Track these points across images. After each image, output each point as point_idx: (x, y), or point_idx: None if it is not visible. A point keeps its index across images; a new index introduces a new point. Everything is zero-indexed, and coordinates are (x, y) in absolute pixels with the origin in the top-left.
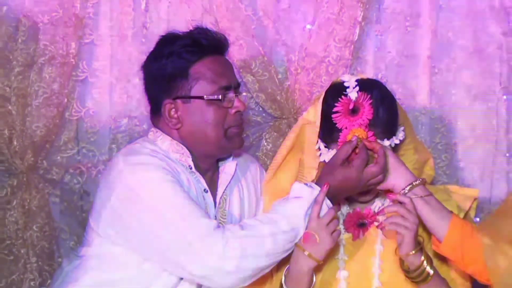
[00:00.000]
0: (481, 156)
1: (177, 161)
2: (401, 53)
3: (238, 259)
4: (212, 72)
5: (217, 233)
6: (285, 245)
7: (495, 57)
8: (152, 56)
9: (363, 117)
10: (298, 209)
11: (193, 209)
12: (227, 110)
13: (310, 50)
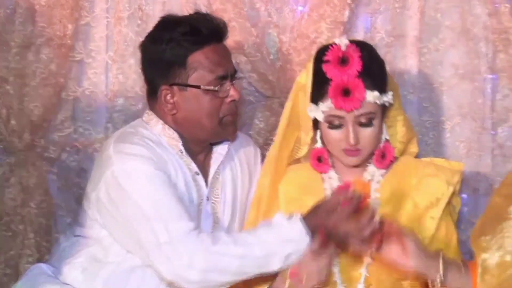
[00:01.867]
0: (467, 134)
1: (168, 145)
2: (390, 33)
3: (204, 272)
4: (210, 61)
5: (189, 241)
6: (254, 269)
7: (481, 37)
8: (151, 38)
9: (352, 68)
10: (275, 237)
11: (172, 210)
12: (223, 99)
13: (301, 31)
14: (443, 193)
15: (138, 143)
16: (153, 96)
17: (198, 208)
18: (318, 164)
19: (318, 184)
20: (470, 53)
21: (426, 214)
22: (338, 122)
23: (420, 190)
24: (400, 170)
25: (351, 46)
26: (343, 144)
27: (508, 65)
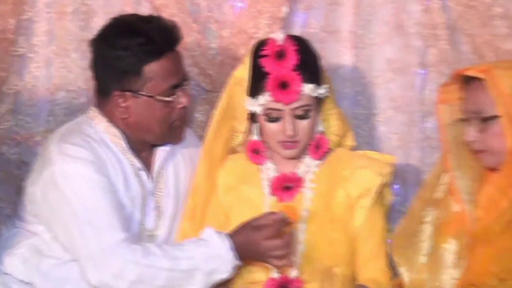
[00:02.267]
0: (399, 126)
1: (110, 142)
2: (324, 29)
3: (131, 283)
4: (165, 71)
5: (120, 251)
6: (179, 283)
7: (413, 33)
8: (106, 41)
9: (289, 61)
10: (201, 253)
11: (106, 218)
12: (174, 106)
13: (241, 27)
14: (374, 184)
15: (81, 144)
16: (103, 96)
17: (142, 202)
18: (255, 156)
19: (255, 174)
20: (403, 48)
21: (357, 203)
22: (276, 115)
23: (353, 181)
24: (335, 162)
25: (288, 40)
26: (280, 136)
27: (438, 60)
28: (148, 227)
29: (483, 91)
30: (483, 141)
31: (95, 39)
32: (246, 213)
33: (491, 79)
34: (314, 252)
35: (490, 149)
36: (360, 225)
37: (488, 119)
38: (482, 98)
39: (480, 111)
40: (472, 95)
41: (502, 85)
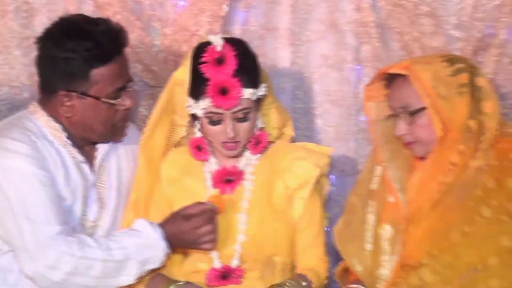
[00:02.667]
0: (335, 119)
1: (51, 136)
2: (263, 26)
3: (67, 274)
4: (112, 75)
5: (56, 244)
6: (114, 273)
7: (347, 30)
8: (54, 41)
9: (229, 67)
10: (133, 243)
11: (42, 212)
12: (119, 108)
13: (183, 24)
14: (311, 175)
15: (20, 139)
16: (47, 93)
17: (84, 194)
18: (198, 153)
19: (198, 167)
20: (337, 45)
21: (295, 194)
22: (217, 118)
23: (291, 172)
24: (273, 154)
25: (226, 46)
26: (222, 137)
27: (371, 56)
28: (90, 218)
29: (407, 86)
30: (412, 133)
31: (43, 38)
32: (189, 203)
33: (413, 74)
34: (254, 242)
35: (420, 140)
36: (299, 215)
37: (415, 112)
38: (407, 94)
39: (407, 106)
40: (398, 91)
41: (424, 79)
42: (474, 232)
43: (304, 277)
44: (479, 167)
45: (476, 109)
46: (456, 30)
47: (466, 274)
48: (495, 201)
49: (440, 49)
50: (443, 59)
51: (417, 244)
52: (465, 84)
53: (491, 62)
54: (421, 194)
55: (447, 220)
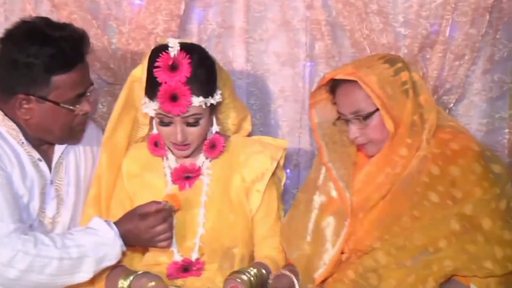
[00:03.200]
0: (289, 115)
1: (7, 134)
2: (220, 25)
3: (21, 272)
4: (73, 82)
5: (10, 242)
6: (70, 270)
7: (299, 28)
8: (16, 44)
9: (181, 74)
10: (90, 241)
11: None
12: (78, 113)
13: (139, 23)
14: (267, 168)
15: None
16: (5, 94)
17: (41, 191)
18: (155, 149)
19: (158, 163)
20: (290, 43)
21: (253, 187)
22: (168, 120)
23: (248, 166)
24: (230, 149)
25: (181, 53)
26: (172, 138)
27: (324, 53)
28: (49, 215)
29: (357, 92)
30: (365, 135)
31: (4, 39)
32: (150, 198)
33: (360, 79)
34: (213, 235)
35: (372, 140)
36: (256, 208)
37: (368, 115)
38: (357, 99)
39: (358, 111)
40: (346, 98)
41: (371, 82)
42: (423, 216)
43: (263, 264)
44: (424, 155)
45: (416, 103)
46: (404, 27)
47: (418, 256)
48: (441, 187)
49: (389, 46)
50: (382, 61)
51: (367, 232)
52: (406, 82)
53: (436, 58)
54: (369, 185)
55: (396, 207)
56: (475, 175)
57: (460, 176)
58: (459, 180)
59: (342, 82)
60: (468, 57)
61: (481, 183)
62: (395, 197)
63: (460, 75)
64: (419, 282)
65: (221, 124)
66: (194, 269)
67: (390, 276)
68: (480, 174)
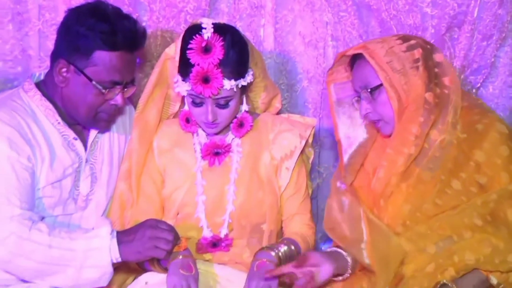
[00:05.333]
0: (313, 95)
1: (44, 115)
2: (252, 4)
3: (11, 253)
4: (111, 65)
5: (9, 223)
6: (57, 261)
7: (324, 8)
8: (77, 14)
9: (214, 56)
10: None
11: (6, 192)
12: (106, 99)
13: (170, 1)
14: (296, 146)
15: (6, 121)
16: (52, 60)
17: (76, 170)
18: (186, 125)
19: (188, 139)
20: (315, 23)
21: (282, 165)
22: (199, 101)
23: (277, 144)
24: (259, 127)
25: (214, 36)
26: (202, 118)
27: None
28: (83, 192)
29: (365, 66)
30: (375, 111)
31: (71, 9)
32: (179, 173)
33: (368, 52)
34: (242, 212)
35: (383, 117)
36: (285, 185)
37: (374, 89)
38: (365, 73)
39: (366, 85)
40: (357, 72)
41: (378, 55)
42: (445, 204)
43: (293, 241)
44: (449, 141)
45: (435, 83)
46: (431, 7)
47: (441, 244)
48: (464, 173)
49: (415, 26)
50: (396, 37)
51: (392, 217)
52: (419, 59)
53: (464, 38)
54: (390, 169)
55: (420, 193)
56: (501, 159)
57: (485, 161)
58: (484, 165)
59: (358, 58)
60: (496, 37)
61: (508, 167)
62: (419, 182)
63: (487, 55)
64: (438, 271)
65: (251, 102)
66: (223, 245)
67: (411, 261)
68: (507, 157)
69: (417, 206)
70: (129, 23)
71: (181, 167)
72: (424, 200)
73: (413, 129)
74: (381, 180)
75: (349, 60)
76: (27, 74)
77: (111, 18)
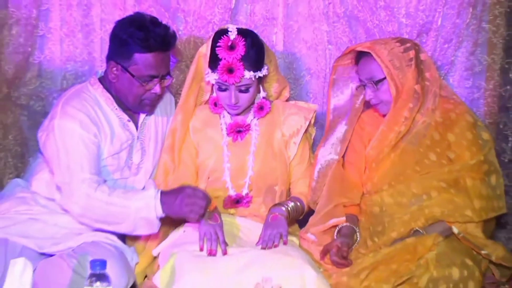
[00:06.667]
0: (314, 87)
1: (104, 103)
2: (265, 16)
3: (83, 208)
4: (148, 63)
5: (81, 186)
6: (118, 214)
7: (321, 20)
8: (121, 25)
9: (237, 53)
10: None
11: (79, 163)
12: (147, 89)
13: (201, 14)
14: (301, 125)
15: (78, 107)
16: (107, 61)
17: (130, 145)
18: (215, 108)
19: (216, 120)
20: (315, 31)
21: (290, 140)
22: (224, 87)
23: (286, 124)
24: (273, 110)
25: (238, 37)
26: (227, 101)
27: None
28: (135, 162)
29: (372, 62)
30: (377, 97)
31: (119, 21)
32: (210, 147)
33: (375, 52)
34: (259, 176)
35: (383, 101)
36: (293, 156)
37: (379, 81)
38: (372, 68)
39: (372, 77)
40: (365, 67)
41: (383, 54)
42: (422, 170)
43: (298, 199)
44: (428, 123)
45: (421, 77)
46: (405, 18)
47: (414, 201)
48: (439, 149)
49: (393, 32)
50: (396, 41)
51: (380, 177)
52: (412, 59)
53: (430, 42)
54: (382, 141)
55: (403, 161)
56: (466, 141)
57: (455, 141)
58: (454, 145)
59: (363, 55)
60: (455, 41)
61: (470, 148)
62: (404, 153)
63: (448, 55)
64: (412, 220)
65: (266, 91)
66: (244, 202)
67: (391, 211)
68: (470, 141)
69: (400, 170)
70: (161, 29)
71: (211, 142)
72: (406, 167)
73: (404, 112)
74: (375, 149)
75: (355, 54)
76: (92, 72)
77: (146, 26)
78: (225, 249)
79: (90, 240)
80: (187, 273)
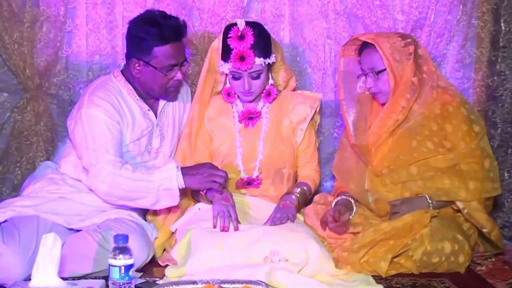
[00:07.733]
0: (315, 78)
1: (126, 93)
2: (274, 14)
3: (109, 187)
4: (168, 54)
5: (107, 166)
6: (142, 190)
7: (321, 19)
8: (136, 24)
9: (247, 42)
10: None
11: (104, 146)
12: (170, 78)
13: (215, 12)
14: (307, 114)
15: (103, 97)
16: (127, 59)
17: (150, 131)
18: (228, 97)
19: (229, 109)
20: (316, 27)
21: (297, 127)
22: (238, 75)
23: (294, 112)
24: (281, 99)
25: (247, 27)
26: (241, 88)
27: (342, 34)
28: (155, 147)
29: (374, 54)
30: (377, 86)
31: (132, 20)
32: (223, 133)
33: (378, 44)
34: (269, 159)
35: (382, 91)
36: (300, 141)
37: (379, 72)
38: (374, 59)
39: (373, 67)
40: (367, 57)
41: (385, 47)
42: (420, 157)
43: (305, 183)
44: (427, 115)
45: (419, 70)
46: (400, 15)
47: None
48: (436, 138)
49: (389, 28)
50: (397, 35)
51: (380, 161)
52: (411, 53)
53: (424, 37)
54: (381, 128)
55: (400, 145)
56: (461, 133)
57: (451, 132)
58: (450, 135)
59: (366, 46)
60: (446, 36)
61: (465, 138)
62: (401, 138)
63: (440, 49)
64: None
65: (274, 80)
66: (255, 183)
67: (392, 189)
68: (465, 132)
69: (397, 154)
70: (172, 21)
71: (225, 129)
72: (401, 152)
73: (402, 102)
74: (374, 135)
75: (359, 46)
76: (116, 64)
77: (159, 21)
78: (237, 226)
79: (114, 217)
80: (202, 247)
